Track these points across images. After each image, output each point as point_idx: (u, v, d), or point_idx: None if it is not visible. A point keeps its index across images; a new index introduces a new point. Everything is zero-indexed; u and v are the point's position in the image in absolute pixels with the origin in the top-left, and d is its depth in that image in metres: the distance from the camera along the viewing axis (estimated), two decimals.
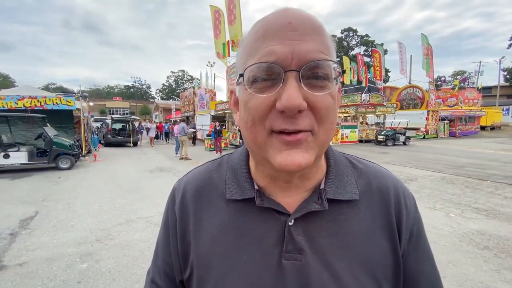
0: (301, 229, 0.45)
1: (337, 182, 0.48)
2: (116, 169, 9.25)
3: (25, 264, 3.05)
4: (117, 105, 59.29)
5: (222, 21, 17.91)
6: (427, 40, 22.93)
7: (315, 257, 0.44)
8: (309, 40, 0.38)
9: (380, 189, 0.50)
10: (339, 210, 0.47)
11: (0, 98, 9.47)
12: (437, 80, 48.59)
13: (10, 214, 4.63)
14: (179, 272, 0.52)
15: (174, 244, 0.52)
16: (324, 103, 0.39)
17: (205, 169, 0.57)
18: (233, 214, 0.48)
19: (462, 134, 23.66)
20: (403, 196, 0.51)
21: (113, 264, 3.07)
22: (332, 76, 0.39)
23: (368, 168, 0.54)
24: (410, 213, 0.50)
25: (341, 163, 0.52)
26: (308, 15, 0.40)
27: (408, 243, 0.49)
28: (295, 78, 0.37)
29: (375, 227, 0.47)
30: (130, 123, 17.51)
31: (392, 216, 0.48)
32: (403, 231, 0.48)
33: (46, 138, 8.80)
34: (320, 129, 0.40)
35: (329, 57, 0.39)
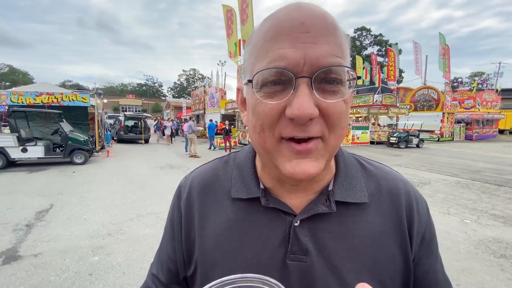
0: (307, 230, 0.44)
1: (346, 184, 0.47)
2: (128, 165, 9.43)
3: (40, 255, 3.15)
4: (129, 103, 60.37)
5: (235, 20, 17.96)
6: (444, 40, 22.33)
7: (320, 259, 0.43)
8: (322, 42, 0.35)
9: (390, 192, 0.49)
10: (347, 212, 0.46)
11: (20, 94, 9.79)
12: (453, 81, 47.32)
13: (26, 206, 4.79)
14: (183, 269, 0.52)
15: (179, 241, 0.52)
16: (337, 110, 0.37)
17: (212, 167, 0.57)
18: (239, 213, 0.48)
19: (479, 138, 22.94)
20: (415, 199, 0.49)
21: (123, 258, 3.12)
22: (346, 80, 0.38)
23: (378, 170, 0.52)
24: (422, 217, 0.49)
25: (351, 164, 0.51)
26: (322, 13, 0.38)
27: (419, 249, 0.47)
28: (307, 85, 0.35)
29: (384, 231, 0.46)
30: (142, 121, 17.81)
31: (403, 220, 0.47)
32: (415, 236, 0.47)
33: (62, 133, 9.05)
34: (331, 135, 0.39)
35: (343, 59, 0.37)
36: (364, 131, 17.92)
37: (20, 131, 8.43)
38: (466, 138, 22.48)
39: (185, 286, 0.54)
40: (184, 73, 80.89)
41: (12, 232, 3.73)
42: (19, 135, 8.30)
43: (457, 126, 22.03)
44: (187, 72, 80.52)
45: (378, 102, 19.55)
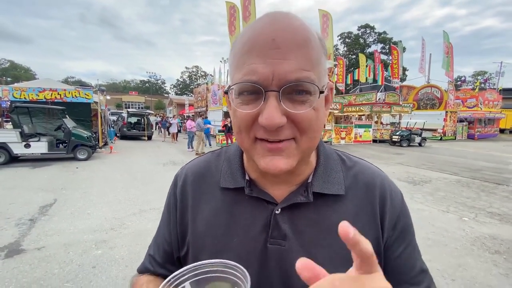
0: (287, 218, 0.49)
1: (325, 177, 0.51)
2: (131, 161, 9.51)
3: (43, 249, 3.22)
4: (132, 99, 60.47)
5: (237, 17, 17.92)
6: (448, 38, 22.17)
7: (297, 244, 0.48)
8: (291, 58, 0.38)
9: (366, 185, 0.52)
10: (324, 202, 0.50)
11: (22, 90, 9.88)
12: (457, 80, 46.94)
13: (30, 201, 4.87)
14: (177, 250, 0.58)
15: (174, 224, 0.58)
16: (305, 117, 0.41)
17: (206, 159, 0.62)
18: (226, 201, 0.53)
19: (481, 137, 22.85)
20: (389, 192, 0.53)
21: (126, 252, 3.19)
22: (314, 90, 0.40)
23: (357, 165, 0.56)
24: (395, 208, 0.52)
25: (332, 159, 0.55)
26: (295, 27, 0.40)
27: (391, 236, 0.51)
28: (276, 97, 0.39)
29: (358, 220, 0.49)
30: (145, 117, 17.89)
31: (376, 210, 0.51)
32: (386, 225, 0.50)
33: (65, 129, 9.14)
34: (303, 138, 0.43)
35: (313, 71, 0.40)
36: (367, 129, 17.90)
37: (23, 126, 8.52)
38: (468, 137, 22.41)
39: (178, 266, 0.59)
40: (186, 70, 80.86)
41: (15, 227, 3.80)
42: (22, 130, 8.40)
43: (460, 125, 21.95)
44: (190, 69, 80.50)
45: (381, 100, 19.50)
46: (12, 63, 65.99)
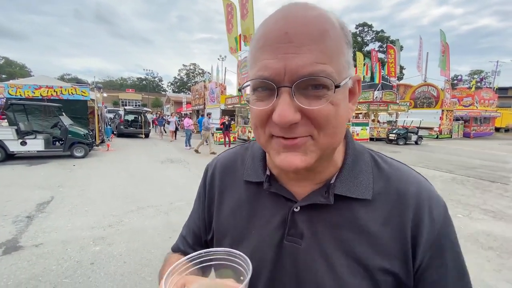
0: (306, 217, 0.48)
1: (350, 179, 0.48)
2: (128, 159, 9.49)
3: (41, 245, 3.23)
4: (129, 97, 60.16)
5: (235, 15, 17.86)
6: (445, 37, 22.27)
7: (315, 245, 0.46)
8: (304, 51, 0.36)
9: (399, 193, 0.47)
10: (348, 206, 0.47)
11: (18, 87, 9.79)
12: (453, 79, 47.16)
13: (27, 198, 4.86)
14: (204, 234, 0.63)
15: (202, 211, 0.62)
16: (322, 113, 0.39)
17: (235, 151, 0.64)
18: (249, 194, 0.55)
19: (477, 135, 23.03)
20: (427, 204, 0.46)
21: (124, 248, 3.21)
22: (332, 84, 0.38)
23: (393, 169, 0.50)
24: (435, 223, 0.45)
25: (362, 160, 0.50)
26: (310, 19, 0.38)
27: (429, 257, 0.45)
28: (288, 93, 0.38)
29: (384, 231, 0.45)
30: (142, 115, 17.83)
31: (406, 224, 0.45)
32: (421, 243, 0.44)
33: (61, 127, 9.09)
34: (321, 134, 0.40)
35: (330, 64, 0.37)
36: (364, 127, 17.96)
37: (19, 124, 8.46)
38: (464, 135, 22.57)
39: (205, 248, 0.63)
40: (184, 67, 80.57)
41: (12, 224, 3.80)
42: (18, 128, 8.34)
43: (456, 123, 22.09)
44: (187, 67, 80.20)
45: (378, 99, 19.58)
46: (6, 60, 65.31)
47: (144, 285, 2.55)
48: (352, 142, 0.52)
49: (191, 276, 0.41)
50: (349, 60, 0.41)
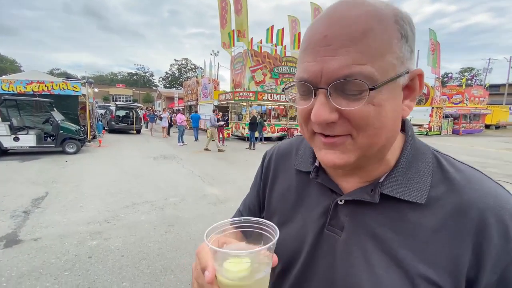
0: (349, 211, 0.48)
1: (402, 180, 0.45)
2: (121, 155, 9.48)
3: (40, 239, 3.27)
4: (120, 92, 59.29)
5: (229, 10, 17.78)
6: (435, 36, 22.62)
7: (353, 238, 0.46)
8: (342, 54, 0.37)
9: (462, 201, 0.42)
10: (396, 207, 0.45)
11: (10, 82, 9.65)
12: (443, 77, 47.93)
13: (22, 194, 4.87)
14: (258, 211, 0.69)
15: (257, 191, 0.69)
16: (358, 114, 0.39)
17: (291, 141, 0.69)
18: (298, 182, 0.59)
19: (466, 132, 23.60)
20: (502, 220, 0.40)
21: (121, 242, 3.28)
22: (372, 83, 0.38)
23: (462, 175, 0.45)
24: (510, 244, 0.39)
25: (421, 160, 0.47)
26: (353, 18, 0.38)
27: (496, 281, 0.39)
28: (324, 94, 0.39)
29: (435, 239, 0.42)
30: (134, 111, 17.69)
31: (465, 238, 0.40)
32: (488, 263, 0.39)
33: (53, 122, 9.01)
34: (360, 135, 0.40)
35: (371, 63, 0.37)
36: None
37: (12, 119, 8.36)
38: (453, 132, 23.11)
39: None
40: (176, 62, 79.58)
41: (10, 218, 3.83)
42: (11, 123, 8.24)
43: (445, 120, 22.59)
44: (179, 62, 79.26)
45: None
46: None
47: (143, 278, 2.64)
48: (413, 141, 0.49)
49: (230, 238, 0.45)
50: (402, 56, 0.40)
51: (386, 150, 0.46)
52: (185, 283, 2.60)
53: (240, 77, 17.88)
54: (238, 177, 6.77)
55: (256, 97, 14.77)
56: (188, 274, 2.72)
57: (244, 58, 17.08)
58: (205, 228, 0.43)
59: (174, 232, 3.61)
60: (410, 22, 0.41)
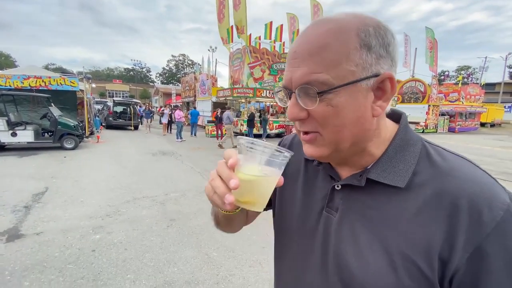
0: (343, 195, 0.55)
1: (386, 167, 0.51)
2: (119, 151, 9.46)
3: (42, 234, 3.30)
4: (117, 88, 58.78)
5: (227, 5, 17.68)
6: (433, 34, 22.74)
7: (344, 218, 0.53)
8: (303, 65, 0.46)
9: (442, 188, 0.46)
10: (382, 191, 0.50)
11: (7, 77, 9.55)
12: (440, 75, 48.19)
13: (22, 189, 4.87)
14: None
15: None
16: (319, 113, 0.47)
17: None
18: (306, 167, 0.66)
19: (461, 130, 23.83)
20: (476, 205, 0.43)
21: (123, 236, 3.31)
22: (328, 88, 0.45)
23: (446, 162, 0.49)
24: (483, 227, 0.42)
25: (409, 151, 0.52)
26: (315, 35, 0.46)
27: (466, 261, 0.42)
28: (294, 97, 0.48)
29: (413, 221, 0.46)
30: (131, 107, 17.60)
31: (440, 220, 0.44)
32: (459, 244, 0.42)
33: (51, 118, 8.96)
34: (325, 131, 0.48)
35: (326, 71, 0.44)
36: None
37: (9, 115, 8.31)
38: (449, 130, 23.32)
39: None
40: (173, 58, 79.12)
41: (11, 213, 3.84)
42: (8, 119, 8.19)
43: (441, 118, 22.77)
44: (176, 58, 78.81)
45: None
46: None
47: (147, 270, 2.68)
48: (404, 133, 0.54)
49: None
50: (363, 63, 0.45)
51: (363, 143, 0.51)
52: (188, 275, 2.65)
53: (238, 74, 17.85)
54: None
55: (254, 93, 14.77)
56: (191, 267, 2.77)
57: (243, 55, 17.04)
58: (206, 222, 0.48)
59: (176, 226, 3.65)
60: (377, 32, 0.46)
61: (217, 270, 2.75)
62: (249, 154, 0.48)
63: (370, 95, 0.47)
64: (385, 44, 0.46)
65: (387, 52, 0.47)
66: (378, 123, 0.51)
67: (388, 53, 0.47)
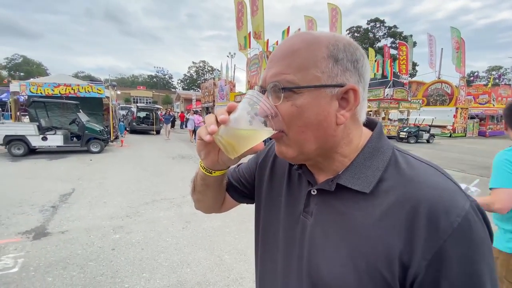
0: (318, 200, 0.57)
1: (355, 173, 0.52)
2: (141, 154, 9.82)
3: (67, 232, 3.49)
4: (140, 94, 61.17)
5: (245, 12, 17.96)
6: (459, 34, 21.75)
7: (318, 223, 0.55)
8: (275, 66, 0.50)
9: (404, 195, 0.47)
10: (351, 197, 0.52)
11: (38, 85, 10.25)
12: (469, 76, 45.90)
13: (50, 190, 5.17)
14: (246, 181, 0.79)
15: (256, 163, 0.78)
16: (285, 111, 0.49)
17: None
18: (289, 173, 0.67)
19: (493, 134, 22.49)
20: (434, 211, 0.43)
21: (141, 237, 3.43)
22: (295, 89, 0.48)
23: (412, 170, 0.50)
24: (439, 233, 0.42)
25: (378, 158, 0.53)
26: (290, 43, 0.51)
27: (425, 267, 0.43)
28: (266, 94, 0.51)
29: (376, 226, 0.47)
30: (154, 112, 18.24)
31: (399, 226, 0.45)
32: (418, 250, 0.43)
33: (79, 123, 9.48)
34: (289, 131, 0.50)
35: (294, 74, 0.48)
36: None
37: (40, 120, 8.89)
38: (479, 134, 22.10)
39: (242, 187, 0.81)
40: (194, 65, 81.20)
41: (39, 213, 4.09)
42: (39, 124, 8.76)
43: (471, 121, 21.64)
44: (197, 64, 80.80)
45: (389, 96, 19.36)
46: (24, 58, 67.20)
47: (161, 270, 2.76)
48: (375, 141, 0.55)
49: None
50: (329, 71, 0.48)
51: (330, 148, 0.53)
52: (200, 276, 2.70)
53: (255, 79, 17.97)
54: None
55: None
56: (203, 268, 2.82)
57: (260, 60, 17.17)
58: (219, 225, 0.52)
59: (190, 228, 3.73)
60: (346, 49, 0.50)
61: (228, 272, 2.77)
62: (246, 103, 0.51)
63: (335, 103, 0.50)
64: (353, 60, 0.50)
65: (354, 68, 0.50)
66: (347, 131, 0.53)
67: (355, 68, 0.50)
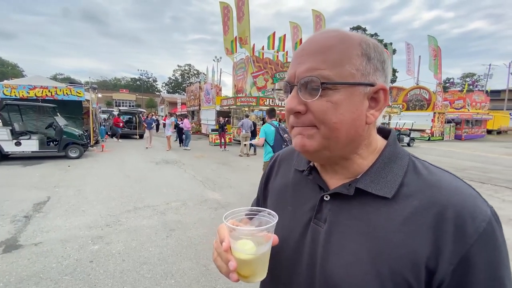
0: (332, 206, 0.54)
1: (376, 177, 0.51)
2: (123, 159, 9.49)
3: (40, 244, 3.27)
4: (123, 97, 59.72)
5: (231, 17, 17.95)
6: (436, 42, 22.71)
7: (332, 229, 0.53)
8: (308, 61, 0.48)
9: (429, 200, 0.46)
10: (370, 201, 0.50)
11: (12, 87, 9.71)
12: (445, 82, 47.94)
13: (24, 199, 4.87)
14: (262, 202, 0.79)
15: (260, 188, 0.80)
16: (318, 108, 0.48)
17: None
18: (295, 179, 0.66)
19: (468, 138, 23.49)
20: (460, 216, 0.44)
21: (122, 247, 3.26)
22: (331, 85, 0.47)
23: (432, 175, 0.50)
24: (466, 238, 0.42)
25: (397, 163, 0.53)
26: (322, 38, 0.49)
27: (452, 272, 0.43)
28: (295, 90, 0.50)
29: (400, 231, 0.46)
30: (137, 116, 17.76)
31: (426, 231, 0.45)
32: (445, 255, 0.43)
33: (56, 127, 9.07)
34: (321, 126, 0.49)
35: (329, 69, 0.47)
36: None
37: (14, 124, 8.42)
38: (455, 137, 22.99)
39: None
40: (179, 68, 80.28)
41: (10, 223, 3.82)
42: (12, 128, 8.30)
43: (447, 125, 22.50)
44: (182, 68, 79.93)
45: None
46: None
47: (143, 282, 2.62)
48: (394, 147, 0.55)
49: (241, 223, 0.57)
50: (362, 69, 0.48)
51: (354, 148, 0.53)
52: (185, 287, 2.58)
53: (242, 83, 17.97)
54: (239, 182, 6.76)
55: (257, 102, 14.81)
56: (188, 279, 2.70)
57: (246, 64, 17.18)
58: (205, 232, 0.47)
59: (175, 236, 3.59)
60: (376, 49, 0.50)
61: (215, 282, 2.67)
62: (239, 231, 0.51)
63: (366, 102, 0.50)
64: (381, 60, 0.50)
65: (382, 68, 0.50)
66: (369, 132, 0.53)
67: (383, 69, 0.51)
